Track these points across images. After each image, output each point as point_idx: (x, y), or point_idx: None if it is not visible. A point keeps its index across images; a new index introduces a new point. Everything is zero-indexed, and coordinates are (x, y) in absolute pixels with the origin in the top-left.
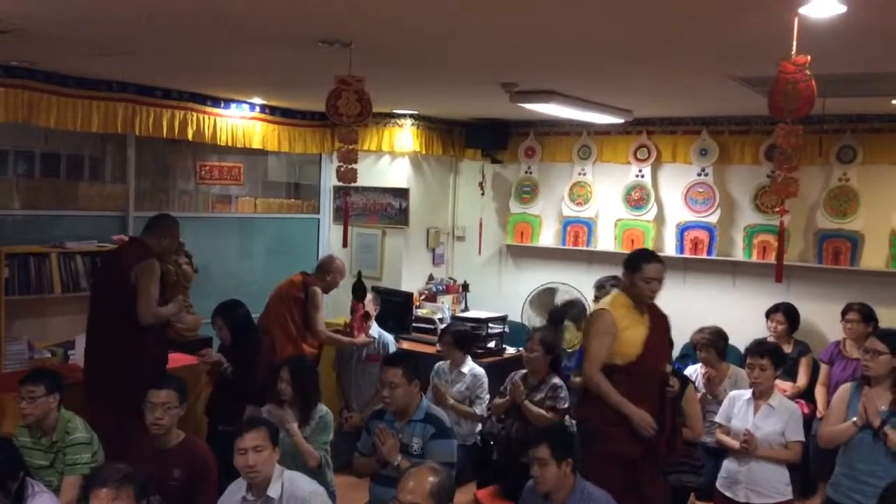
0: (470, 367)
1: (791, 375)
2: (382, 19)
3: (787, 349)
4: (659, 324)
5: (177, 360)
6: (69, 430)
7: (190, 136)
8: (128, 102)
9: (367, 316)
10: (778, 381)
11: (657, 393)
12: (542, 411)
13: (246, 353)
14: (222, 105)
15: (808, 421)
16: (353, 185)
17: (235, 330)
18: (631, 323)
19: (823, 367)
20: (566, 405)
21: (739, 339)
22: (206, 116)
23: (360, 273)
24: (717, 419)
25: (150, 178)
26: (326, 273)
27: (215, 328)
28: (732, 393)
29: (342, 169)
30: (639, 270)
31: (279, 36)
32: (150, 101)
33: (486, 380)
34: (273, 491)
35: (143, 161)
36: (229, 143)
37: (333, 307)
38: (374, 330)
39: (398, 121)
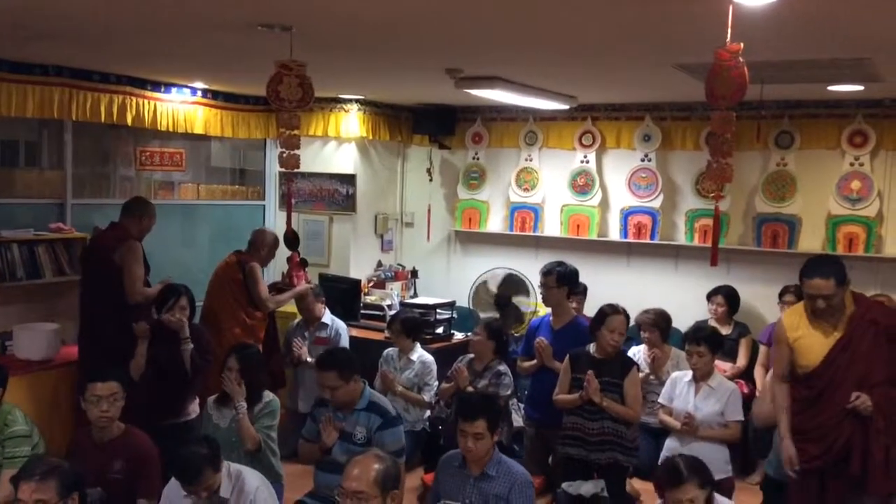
0: (419, 354)
1: (731, 356)
2: (323, 3)
3: (727, 331)
4: (862, 338)
5: None
6: (8, 423)
7: (129, 122)
8: (64, 87)
9: (303, 262)
10: (718, 362)
11: (841, 409)
12: None
13: (198, 339)
14: (162, 89)
15: (748, 401)
16: (297, 171)
17: (192, 315)
18: (806, 332)
19: (762, 348)
20: (509, 392)
21: (682, 322)
22: (146, 101)
23: (287, 226)
24: (660, 400)
25: (90, 164)
26: (260, 248)
27: (176, 308)
28: (674, 374)
29: (284, 155)
30: (801, 283)
31: (217, 19)
32: (87, 86)
33: (434, 367)
34: (224, 490)
35: (81, 147)
36: (170, 129)
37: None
38: (327, 317)
39: (344, 106)
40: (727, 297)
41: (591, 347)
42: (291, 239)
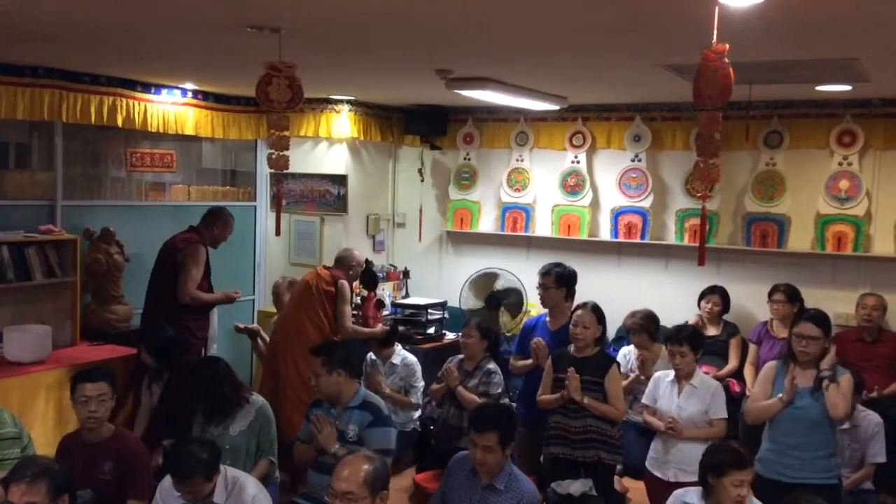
0: (402, 356)
1: (722, 357)
2: (312, 4)
3: (717, 331)
4: None
5: (110, 351)
6: None
7: (119, 123)
8: (54, 88)
9: (380, 304)
10: (708, 367)
11: None
12: (475, 397)
13: (181, 376)
14: (153, 91)
15: (740, 399)
16: (288, 171)
17: (159, 356)
18: None
19: (752, 347)
20: (499, 390)
21: (672, 321)
22: (137, 102)
23: (367, 261)
24: (644, 400)
25: (80, 165)
26: (349, 267)
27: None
28: (657, 374)
29: (274, 156)
30: None
31: (207, 21)
32: (78, 87)
33: (418, 367)
34: (218, 496)
35: (72, 148)
36: (161, 130)
37: None
38: None
39: (335, 106)
40: (723, 297)
41: (572, 347)
42: (370, 279)
